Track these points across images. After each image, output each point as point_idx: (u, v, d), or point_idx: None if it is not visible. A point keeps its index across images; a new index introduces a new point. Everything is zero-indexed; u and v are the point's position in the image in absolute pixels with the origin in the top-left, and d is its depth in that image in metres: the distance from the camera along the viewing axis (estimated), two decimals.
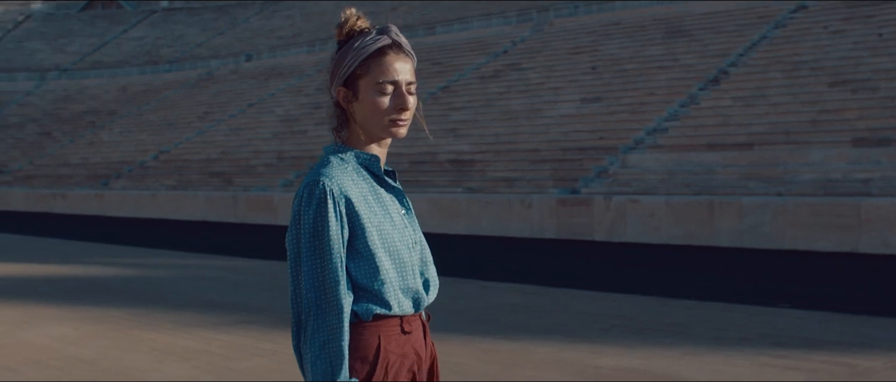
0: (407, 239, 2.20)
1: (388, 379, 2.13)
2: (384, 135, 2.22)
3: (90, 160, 48.88)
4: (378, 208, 2.16)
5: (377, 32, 2.19)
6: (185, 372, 6.61)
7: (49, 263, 15.66)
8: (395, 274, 2.15)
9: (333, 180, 2.11)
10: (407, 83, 2.21)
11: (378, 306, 2.12)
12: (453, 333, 8.26)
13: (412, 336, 2.19)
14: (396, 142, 10.64)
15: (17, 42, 75.21)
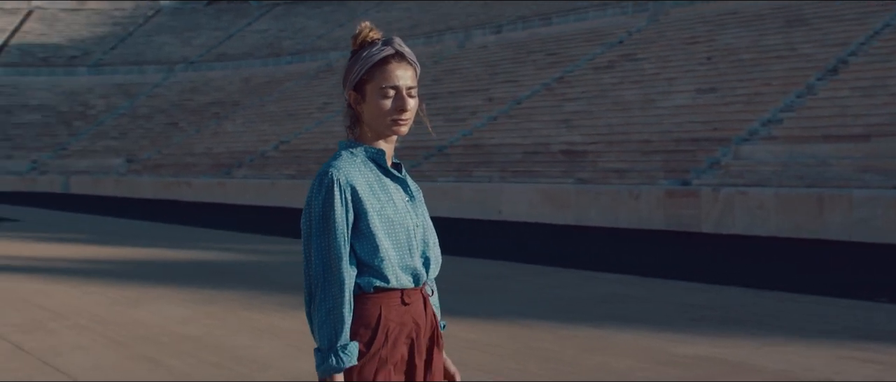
0: (408, 223, 2.46)
1: (387, 344, 2.40)
2: (388, 133, 2.48)
3: (214, 150, 50.49)
4: (382, 195, 2.43)
5: (382, 43, 2.46)
6: (278, 351, 7.01)
7: (170, 248, 16.44)
8: (394, 253, 2.41)
9: (341, 171, 2.40)
10: (407, 87, 2.47)
11: (378, 279, 2.40)
12: (543, 319, 8.48)
13: (411, 308, 2.46)
14: (510, 133, 11.17)
15: (147, 36, 78.03)
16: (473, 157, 33.38)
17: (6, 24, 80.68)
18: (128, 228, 22.14)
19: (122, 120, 65.28)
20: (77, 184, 52.94)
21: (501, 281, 11.66)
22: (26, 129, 65.20)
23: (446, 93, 44.02)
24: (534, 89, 39.05)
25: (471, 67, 47.23)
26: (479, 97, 41.17)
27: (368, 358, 2.37)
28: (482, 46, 50.76)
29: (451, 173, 32.06)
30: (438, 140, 37.16)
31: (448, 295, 10.03)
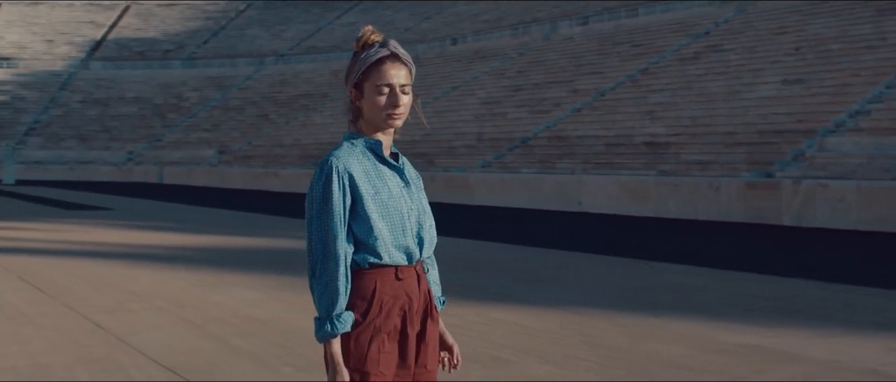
0: (402, 207, 2.71)
1: (382, 315, 2.66)
2: (384, 126, 2.73)
3: (302, 141, 51.40)
4: (377, 181, 2.69)
5: (379, 46, 2.72)
6: None
7: (253, 236, 16.97)
8: (388, 233, 2.67)
9: (340, 160, 2.66)
10: (400, 85, 2.72)
11: (372, 257, 2.66)
12: (603, 308, 8.64)
13: (405, 282, 2.71)
14: (593, 125, 11.38)
15: (239, 30, 79.58)
16: (556, 149, 33.44)
17: (104, 20, 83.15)
18: (215, 217, 22.84)
19: (215, 112, 66.79)
20: (170, 175, 54.42)
21: (572, 270, 11.82)
22: (123, 121, 67.20)
23: (531, 85, 44.10)
24: (618, 81, 38.90)
25: (556, 59, 47.19)
26: (563, 89, 41.15)
27: (364, 327, 2.64)
28: (568, 38, 50.65)
29: (535, 165, 32.18)
30: (522, 132, 37.30)
31: (515, 283, 10.31)
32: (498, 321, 7.90)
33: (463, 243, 15.78)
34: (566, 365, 6.17)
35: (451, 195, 31.28)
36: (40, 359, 6.30)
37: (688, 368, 6.10)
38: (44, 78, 73.66)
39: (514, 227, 19.79)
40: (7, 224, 19.88)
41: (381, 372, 2.65)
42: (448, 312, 8.30)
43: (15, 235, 16.99)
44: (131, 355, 6.44)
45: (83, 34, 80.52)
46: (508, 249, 14.79)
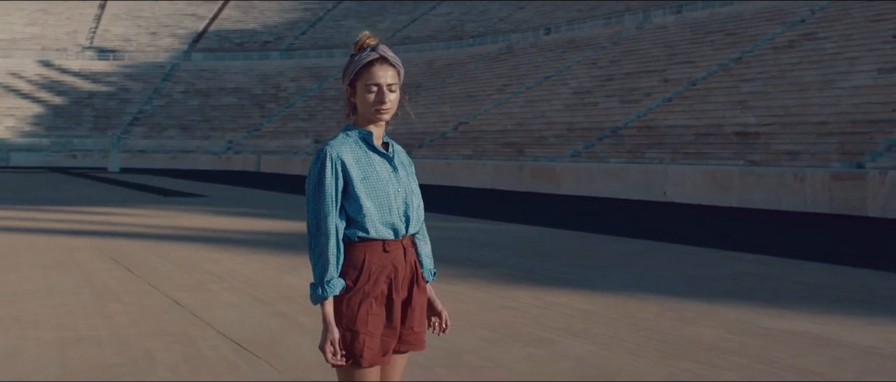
0: (389, 189, 3.08)
1: (370, 282, 3.05)
2: (375, 119, 3.11)
3: (396, 131, 52.03)
4: (367, 167, 3.07)
5: (371, 49, 3.10)
6: None
7: None
8: (375, 211, 3.05)
9: (334, 148, 3.06)
10: (387, 84, 3.09)
11: (361, 231, 3.05)
12: (659, 293, 8.88)
13: (391, 254, 3.09)
14: (684, 115, 11.84)
15: (335, 21, 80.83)
16: (646, 139, 33.41)
17: (206, 12, 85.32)
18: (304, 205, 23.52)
19: (311, 101, 68.10)
20: (267, 163, 55.76)
21: (641, 258, 12.02)
22: (223, 111, 68.99)
23: (622, 75, 43.99)
24: (710, 70, 38.59)
25: (648, 48, 46.94)
26: (654, 78, 40.98)
27: (354, 292, 3.04)
28: (661, 26, 50.29)
29: (624, 154, 32.22)
30: (613, 121, 37.30)
31: (580, 269, 10.60)
32: (553, 304, 8.22)
33: (539, 231, 16.10)
34: (606, 345, 6.46)
35: (538, 185, 31.53)
36: (120, 331, 6.86)
37: (724, 350, 6.33)
38: (148, 69, 76.08)
39: (595, 217, 19.99)
40: (108, 209, 20.86)
41: (369, 331, 3.04)
42: (504, 295, 8.68)
43: (114, 220, 17.89)
44: (202, 329, 6.96)
45: (185, 26, 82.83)
46: (583, 237, 15.03)
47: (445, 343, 6.51)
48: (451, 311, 7.73)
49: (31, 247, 12.76)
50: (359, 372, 3.06)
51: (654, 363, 5.96)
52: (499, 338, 6.72)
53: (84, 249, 12.55)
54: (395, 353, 3.18)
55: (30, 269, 10.44)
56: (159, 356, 6.07)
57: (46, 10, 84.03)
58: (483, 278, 9.89)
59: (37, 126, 66.20)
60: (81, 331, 6.86)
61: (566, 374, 5.67)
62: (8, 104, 68.76)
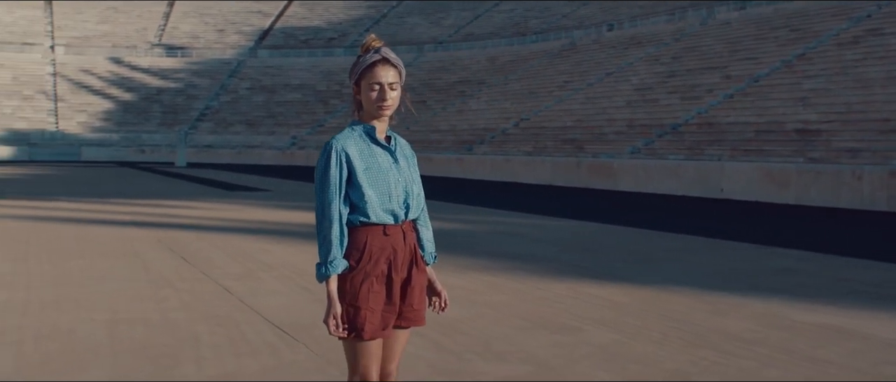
0: (390, 179, 3.37)
1: (371, 262, 3.33)
2: (377, 115, 3.40)
3: (458, 127, 52.41)
4: (369, 159, 3.36)
5: (375, 51, 3.37)
6: None
7: None
8: (376, 199, 3.34)
9: (340, 142, 3.35)
10: (388, 83, 3.37)
11: (363, 217, 3.34)
12: (695, 287, 9.03)
13: (391, 238, 3.38)
14: (745, 111, 12.31)
15: (400, 18, 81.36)
16: (706, 136, 33.28)
17: (272, 9, 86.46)
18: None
19: None
20: None
21: (686, 253, 12.16)
22: (288, 107, 69.91)
23: (684, 71, 43.77)
24: (773, 66, 38.25)
25: (711, 44, 46.62)
26: (716, 75, 40.72)
27: (357, 271, 3.33)
28: (725, 22, 49.89)
29: (683, 151, 32.14)
30: (673, 118, 37.17)
31: (622, 264, 10.78)
32: (587, 295, 8.44)
33: (592, 227, 16.26)
34: (631, 335, 6.67)
35: (595, 181, 31.60)
36: (170, 315, 7.25)
37: (747, 341, 6.50)
38: (215, 66, 77.39)
39: (649, 213, 20.06)
40: (171, 203, 21.47)
41: (371, 307, 3.33)
42: (544, 287, 8.91)
43: (176, 213, 18.45)
44: (248, 314, 7.32)
45: (252, 24, 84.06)
46: (634, 233, 15.16)
47: (477, 330, 6.79)
48: (491, 302, 8.02)
49: (96, 238, 13.30)
50: (361, 345, 3.37)
51: (675, 351, 6.16)
52: (530, 327, 6.96)
53: (144, 240, 13.04)
54: (395, 328, 3.48)
55: (92, 257, 10.94)
56: (204, 337, 6.43)
57: (117, 9, 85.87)
58: (527, 271, 10.12)
59: (107, 121, 67.74)
60: (133, 314, 7.27)
61: (585, 360, 5.91)
62: (80, 100, 70.48)
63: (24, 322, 6.95)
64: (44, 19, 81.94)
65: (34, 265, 10.21)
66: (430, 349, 6.15)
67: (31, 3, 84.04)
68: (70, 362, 5.71)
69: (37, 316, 7.21)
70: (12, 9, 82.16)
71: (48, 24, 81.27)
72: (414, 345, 6.19)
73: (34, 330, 6.63)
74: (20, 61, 74.44)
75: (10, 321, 6.98)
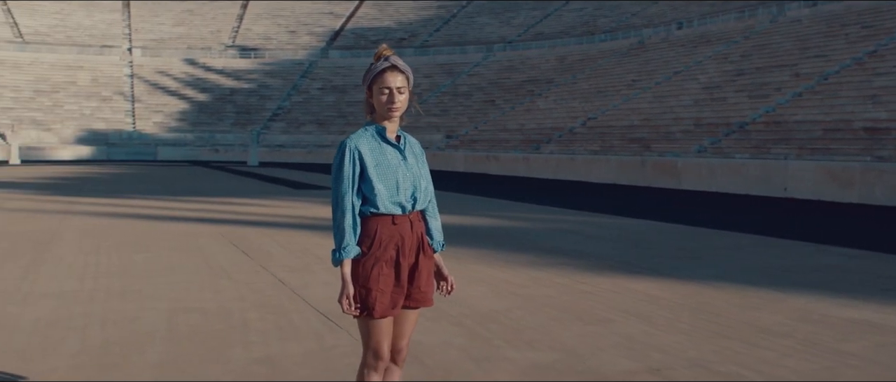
0: (398, 174, 3.72)
1: (381, 248, 3.69)
2: (387, 117, 3.76)
3: (526, 126, 52.57)
4: (379, 156, 3.71)
5: (385, 59, 3.72)
6: (477, 293, 8.36)
7: (453, 214, 18.21)
8: (385, 192, 3.69)
9: (353, 141, 3.71)
10: (397, 88, 3.72)
11: (373, 208, 3.70)
12: (736, 283, 9.20)
13: (399, 227, 3.72)
14: (813, 110, 12.90)
15: (469, 17, 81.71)
16: (773, 134, 33.05)
17: (343, 10, 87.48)
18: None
19: (444, 97, 69.12)
20: None
21: (735, 251, 12.28)
22: (358, 107, 70.70)
23: (753, 69, 43.41)
24: (843, 64, 37.78)
25: (781, 42, 46.14)
26: (785, 73, 40.33)
27: (368, 257, 3.68)
28: (795, 20, 49.31)
29: (749, 150, 31.97)
30: (740, 117, 36.95)
31: (669, 260, 10.99)
32: (628, 289, 8.69)
33: (648, 224, 16.41)
34: (661, 326, 6.93)
35: (659, 180, 31.61)
36: (225, 304, 7.70)
37: (774, 334, 6.71)
38: (287, 67, 78.62)
39: (708, 211, 20.10)
40: (239, 200, 22.11)
41: (381, 289, 3.69)
42: (586, 281, 9.18)
43: (242, 210, 19.04)
44: (298, 303, 7.74)
45: (323, 25, 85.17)
46: (689, 230, 15.27)
47: (512, 320, 7.11)
48: (532, 295, 8.32)
49: (164, 232, 13.88)
50: (373, 322, 3.74)
51: (701, 341, 6.41)
52: (564, 318, 7.26)
53: (209, 235, 13.59)
54: (404, 309, 3.83)
55: (159, 251, 11.48)
56: (254, 324, 6.86)
57: (192, 11, 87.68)
58: (574, 267, 10.38)
59: (182, 121, 69.27)
60: (191, 303, 7.73)
61: (611, 348, 6.19)
62: (156, 101, 72.17)
63: (90, 309, 7.45)
64: (121, 22, 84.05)
65: (104, 257, 10.79)
66: (462, 336, 6.49)
67: (109, 7, 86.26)
68: (129, 345, 6.16)
69: (103, 304, 7.71)
70: (92, 12, 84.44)
71: (126, 26, 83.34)
72: (447, 333, 6.55)
73: (99, 317, 7.12)
74: (99, 63, 76.49)
75: (77, 308, 7.49)
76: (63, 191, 25.56)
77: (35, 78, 72.25)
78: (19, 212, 17.74)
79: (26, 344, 6.18)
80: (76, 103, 70.09)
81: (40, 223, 15.49)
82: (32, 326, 6.77)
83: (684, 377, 5.47)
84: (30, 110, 67.80)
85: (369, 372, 3.83)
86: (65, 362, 5.71)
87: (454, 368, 5.63)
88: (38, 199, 21.65)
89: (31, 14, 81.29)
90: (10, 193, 24.06)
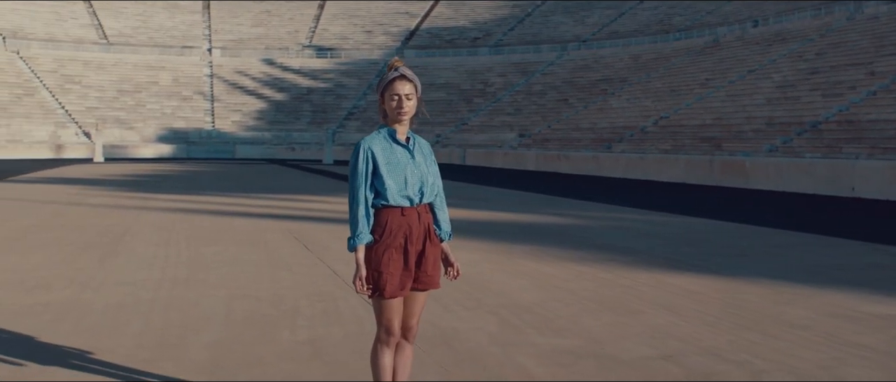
0: (406, 171, 4.19)
1: (391, 236, 4.17)
2: (397, 120, 4.23)
3: (598, 125, 52.67)
4: (390, 155, 4.20)
5: (395, 70, 4.19)
6: (520, 286, 8.78)
7: (514, 212, 18.62)
8: (394, 186, 4.16)
9: (367, 142, 4.21)
10: (405, 95, 4.19)
11: (384, 201, 4.18)
12: (774, 279, 9.43)
13: (407, 217, 4.20)
14: (888, 109, 14.94)
15: (544, 17, 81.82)
16: (845, 134, 32.79)
17: (418, 10, 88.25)
18: (486, 194, 24.76)
19: (518, 96, 69.46)
20: (472, 157, 57.46)
21: (791, 249, 12.42)
22: (432, 106, 71.36)
23: (828, 68, 42.96)
24: None
25: (857, 40, 45.54)
26: (860, 71, 39.87)
27: (380, 244, 4.17)
28: (873, 17, 48.59)
29: (821, 149, 31.77)
30: (813, 116, 36.66)
31: (717, 258, 11.26)
32: (666, 284, 9.02)
33: (705, 223, 16.59)
34: (687, 318, 7.28)
35: (727, 179, 31.57)
36: (280, 292, 8.26)
37: (796, 326, 7.01)
38: (362, 66, 79.72)
39: (769, 210, 20.15)
40: (308, 197, 22.81)
41: (391, 272, 4.17)
42: (628, 276, 9.54)
43: (310, 206, 19.71)
44: (347, 291, 8.28)
45: (399, 24, 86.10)
46: (745, 229, 15.42)
47: (546, 310, 7.52)
48: (572, 288, 8.72)
49: (232, 228, 14.57)
50: (384, 302, 4.23)
51: (721, 332, 6.75)
52: (597, 309, 7.65)
53: (275, 230, 14.23)
54: (413, 290, 4.31)
55: (226, 245, 12.13)
56: (303, 309, 7.40)
57: (270, 12, 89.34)
58: (620, 262, 10.73)
59: (260, 120, 70.74)
60: (249, 291, 8.32)
61: (634, 337, 6.57)
62: (235, 100, 73.81)
63: (156, 295, 8.08)
64: (202, 23, 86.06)
65: (173, 250, 11.47)
66: (495, 324, 6.93)
67: (190, 8, 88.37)
68: (186, 327, 6.75)
69: (168, 291, 8.32)
70: (173, 14, 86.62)
71: (206, 27, 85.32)
72: (482, 321, 7.00)
73: (163, 303, 7.73)
74: (180, 64, 78.50)
75: (144, 295, 8.12)
76: (142, 187, 26.59)
77: (118, 78, 74.47)
78: (100, 208, 18.63)
79: (97, 325, 6.80)
80: (158, 103, 72.05)
81: (118, 217, 16.32)
82: (103, 309, 7.41)
83: (694, 363, 5.83)
84: (113, 110, 69.91)
85: (381, 347, 4.34)
86: (129, 340, 6.31)
87: (480, 352, 6.08)
88: (117, 195, 22.63)
89: (115, 16, 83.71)
90: (92, 189, 25.14)
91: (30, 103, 67.78)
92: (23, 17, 79.16)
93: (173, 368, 5.57)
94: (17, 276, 9.18)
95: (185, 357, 5.85)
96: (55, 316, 7.16)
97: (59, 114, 67.60)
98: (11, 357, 5.83)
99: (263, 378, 5.39)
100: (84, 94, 71.25)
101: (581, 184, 32.39)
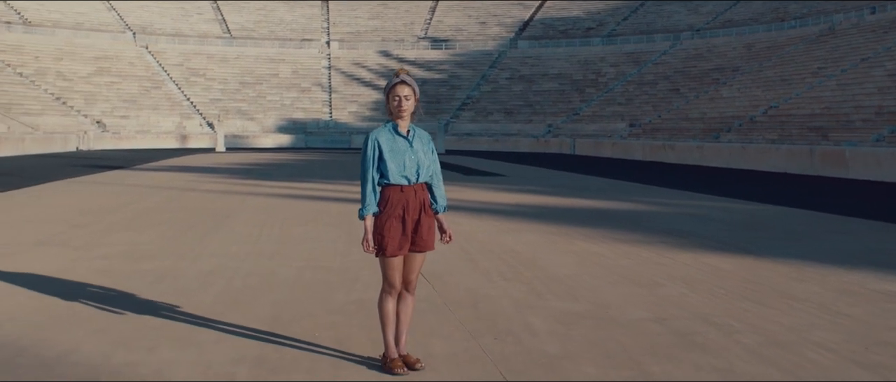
0: (405, 157, 5.30)
1: (390, 208, 5.29)
2: (398, 117, 5.33)
3: (707, 115, 52.64)
4: (392, 144, 5.33)
5: (396, 76, 5.27)
6: (562, 261, 9.78)
7: (598, 199, 19.41)
8: (395, 169, 5.29)
9: (375, 134, 5.35)
10: (404, 96, 5.29)
11: (386, 180, 5.32)
12: (809, 260, 10.09)
13: (405, 194, 5.32)
14: None
15: (657, 6, 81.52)
16: None
17: (532, 1, 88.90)
18: (584, 183, 25.51)
19: (629, 86, 69.59)
20: (581, 146, 58.03)
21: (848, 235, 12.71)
22: (545, 96, 72.17)
23: None
24: None
25: None
26: None
27: (383, 214, 5.33)
28: None
29: None
30: None
31: (766, 241, 12.02)
32: (700, 263, 9.86)
33: (778, 210, 17.04)
34: (700, 291, 8.16)
35: (827, 169, 31.60)
36: (349, 264, 9.49)
37: (801, 300, 7.77)
38: (476, 57, 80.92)
39: (860, 199, 20.30)
40: None
41: (391, 236, 5.32)
42: (670, 256, 10.42)
43: None
44: None
45: (513, 16, 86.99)
46: (812, 216, 15.79)
47: (574, 282, 8.50)
48: (611, 264, 9.67)
49: (326, 211, 15.90)
50: (387, 260, 5.39)
51: (725, 302, 7.62)
52: (620, 282, 8.60)
53: None
54: (411, 252, 5.43)
55: (316, 226, 13.44)
56: (363, 278, 8.61)
57: (387, 5, 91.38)
58: (670, 244, 11.55)
59: (375, 111, 72.66)
60: (321, 262, 9.57)
61: (641, 304, 7.52)
62: (352, 91, 75.99)
63: (241, 266, 9.39)
64: (320, 17, 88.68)
65: (267, 230, 12.83)
66: (523, 292, 7.97)
67: (309, 3, 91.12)
68: (259, 289, 8.02)
69: (254, 262, 9.63)
70: (293, 8, 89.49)
71: (324, 21, 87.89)
72: (513, 289, 8.06)
73: (246, 271, 9.04)
74: (299, 56, 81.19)
75: (231, 264, 9.45)
76: (254, 175, 28.33)
77: (240, 71, 77.55)
78: (210, 193, 20.26)
79: (187, 286, 8.14)
80: (277, 94, 74.76)
81: (225, 202, 17.88)
82: (195, 275, 8.75)
83: (679, 325, 6.76)
84: (235, 101, 72.89)
85: (385, 296, 5.49)
86: (209, 297, 7.62)
87: (498, 313, 7.14)
88: (229, 182, 24.34)
89: (238, 11, 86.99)
90: (208, 177, 26.98)
91: (157, 95, 71.24)
92: (152, 14, 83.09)
93: (239, 318, 6.82)
94: (129, 249, 10.64)
95: (251, 311, 7.09)
96: (155, 278, 8.54)
97: (185, 105, 70.86)
98: (115, 308, 7.17)
99: (312, 328, 6.55)
100: (208, 87, 74.46)
101: (681, 173, 32.69)
